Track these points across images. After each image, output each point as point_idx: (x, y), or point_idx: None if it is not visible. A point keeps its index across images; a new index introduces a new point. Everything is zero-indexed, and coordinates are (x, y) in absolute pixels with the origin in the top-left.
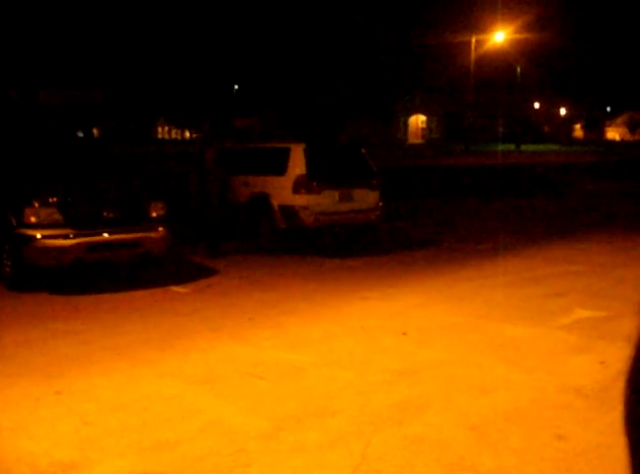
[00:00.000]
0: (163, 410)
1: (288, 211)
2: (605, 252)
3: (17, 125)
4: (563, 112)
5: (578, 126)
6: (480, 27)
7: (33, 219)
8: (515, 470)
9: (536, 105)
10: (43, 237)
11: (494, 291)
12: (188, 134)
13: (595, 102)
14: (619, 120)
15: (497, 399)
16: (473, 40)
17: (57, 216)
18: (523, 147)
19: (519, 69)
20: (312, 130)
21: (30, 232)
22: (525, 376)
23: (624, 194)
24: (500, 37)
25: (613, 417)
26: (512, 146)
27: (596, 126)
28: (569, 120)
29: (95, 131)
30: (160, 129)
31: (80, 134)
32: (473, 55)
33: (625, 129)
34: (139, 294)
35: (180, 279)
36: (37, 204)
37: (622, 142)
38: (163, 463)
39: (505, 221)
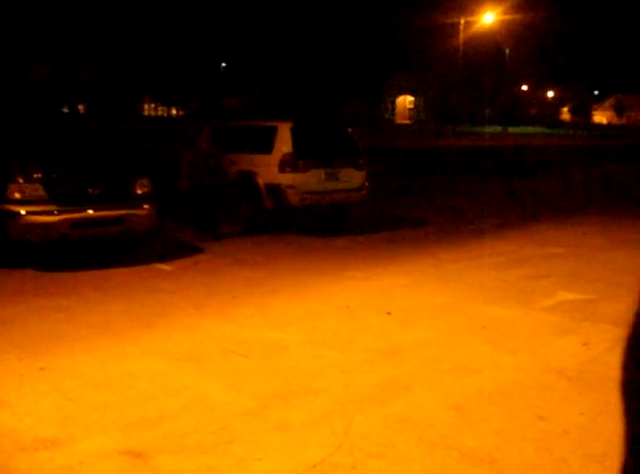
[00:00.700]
0: (147, 387)
1: (275, 190)
2: (592, 234)
3: (2, 102)
4: (551, 94)
5: (565, 110)
6: (469, 8)
7: (17, 195)
8: (496, 450)
9: (524, 87)
10: (28, 213)
11: (479, 272)
12: (174, 112)
13: (582, 85)
14: (607, 104)
15: (480, 379)
16: (462, 22)
17: (42, 192)
18: (510, 129)
19: (507, 51)
20: (299, 110)
21: (14, 208)
22: (509, 357)
23: (612, 177)
24: (489, 18)
25: (595, 398)
26: (498, 128)
27: (583, 110)
28: (556, 104)
29: (81, 108)
30: (146, 106)
31: (65, 110)
32: (462, 37)
33: (612, 113)
34: (124, 272)
35: (165, 257)
36: (21, 180)
37: (609, 125)
38: (146, 440)
39: (493, 202)
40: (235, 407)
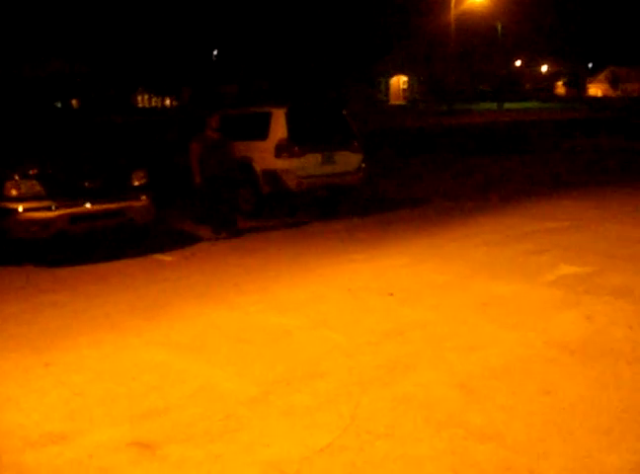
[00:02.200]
0: (151, 378)
1: (271, 176)
2: (590, 208)
3: None
4: (545, 69)
5: (560, 83)
6: None
7: (14, 192)
8: (503, 426)
9: (518, 62)
10: (25, 210)
11: (479, 250)
12: (168, 102)
13: (576, 58)
14: (601, 76)
15: (484, 356)
16: None
17: (39, 188)
18: (506, 105)
19: (499, 26)
20: (294, 94)
21: (11, 205)
22: (512, 333)
23: (609, 150)
24: None
25: (600, 371)
26: (493, 105)
27: (577, 83)
28: (550, 78)
29: (74, 102)
30: (140, 98)
31: (58, 105)
32: (453, 12)
33: (607, 85)
34: (124, 264)
35: (165, 248)
36: (17, 177)
37: (604, 98)
38: (153, 430)
39: (489, 180)
40: (240, 394)
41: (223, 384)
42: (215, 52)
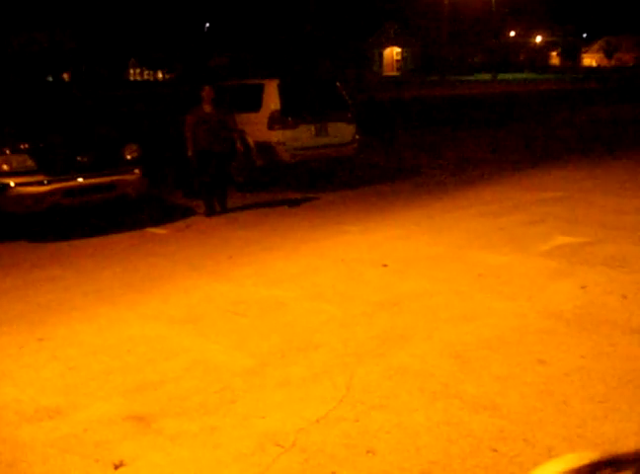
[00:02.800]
0: (146, 351)
1: (265, 148)
2: (586, 178)
3: None
4: (539, 39)
5: (554, 54)
6: None
7: (5, 167)
8: (498, 396)
9: (512, 33)
10: (17, 185)
11: (473, 221)
12: (160, 75)
13: (570, 28)
14: (596, 46)
15: (479, 327)
16: None
17: (30, 163)
18: (500, 76)
19: None
20: (286, 66)
21: (3, 180)
22: (507, 303)
23: (604, 120)
24: None
25: (594, 340)
26: (487, 76)
27: (572, 53)
28: (545, 48)
29: (65, 76)
30: (132, 71)
31: (50, 79)
32: None
33: (602, 55)
34: (118, 238)
35: (158, 221)
36: (8, 152)
37: (599, 68)
38: (149, 404)
39: (484, 151)
40: (235, 366)
41: (218, 357)
42: (207, 25)
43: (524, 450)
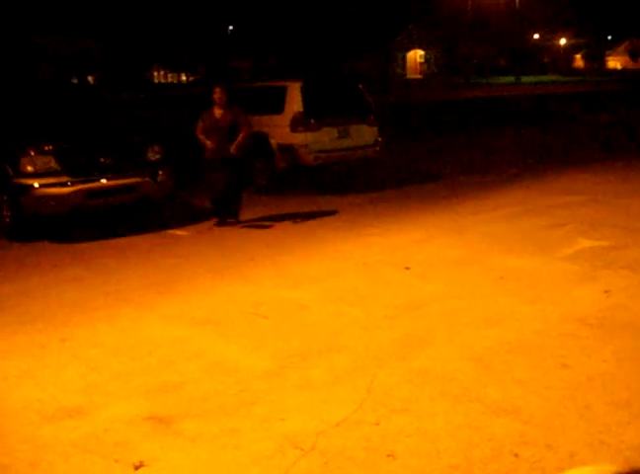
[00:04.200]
0: (167, 352)
1: (287, 150)
2: (609, 182)
3: (11, 75)
4: (563, 42)
5: (578, 56)
6: None
7: (29, 168)
8: (520, 400)
9: (536, 35)
10: (41, 186)
11: (496, 224)
12: (184, 78)
13: (595, 30)
14: (621, 49)
15: (501, 330)
16: None
17: (54, 164)
18: (523, 79)
19: None
20: (309, 69)
21: (27, 181)
22: (529, 307)
23: (627, 123)
24: None
25: (618, 345)
26: (511, 78)
27: (596, 55)
28: (569, 50)
29: (90, 79)
30: (156, 74)
31: (74, 81)
32: None
33: (627, 57)
34: (140, 239)
35: (180, 223)
36: (32, 153)
37: (624, 70)
38: (169, 405)
39: (507, 153)
40: (256, 368)
41: (239, 358)
42: (231, 28)
43: (546, 456)
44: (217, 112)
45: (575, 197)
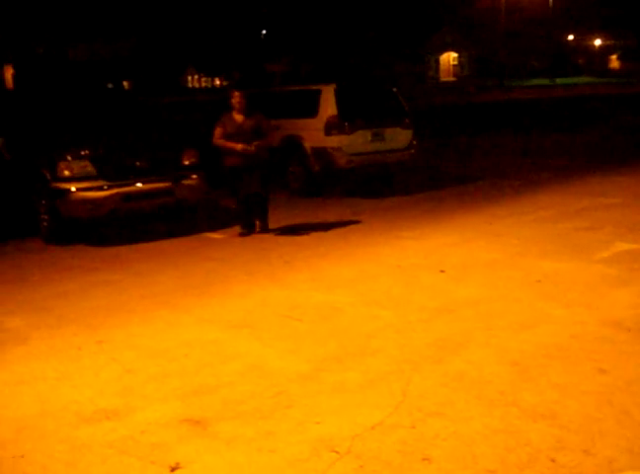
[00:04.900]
0: (203, 355)
1: (321, 153)
2: None
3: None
4: (598, 43)
5: (614, 57)
6: None
7: (66, 173)
8: (556, 404)
9: (570, 37)
10: (78, 190)
11: (532, 227)
12: (218, 82)
13: (630, 31)
14: None
15: (537, 334)
16: None
17: (91, 169)
18: (558, 81)
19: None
20: (342, 72)
21: (64, 186)
22: (565, 311)
23: None
24: None
25: None
26: (545, 80)
27: (632, 57)
28: (604, 52)
29: (125, 84)
30: (190, 78)
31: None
32: None
33: None
34: (175, 242)
35: (215, 226)
36: (69, 158)
37: None
38: (204, 407)
39: (542, 156)
40: (291, 371)
41: (274, 361)
42: (264, 32)
43: (584, 461)
44: (238, 117)
45: (611, 199)
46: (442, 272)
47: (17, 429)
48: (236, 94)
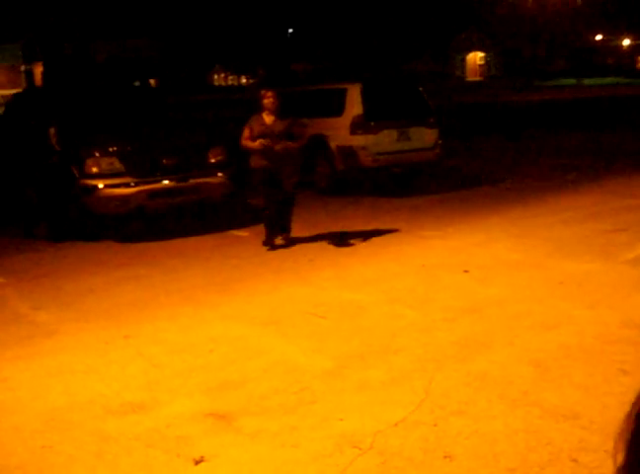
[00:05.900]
0: (228, 351)
1: (347, 152)
2: None
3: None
4: (626, 43)
5: None
6: None
7: (94, 169)
8: (578, 405)
9: (598, 36)
10: (106, 186)
11: (556, 228)
12: (244, 80)
13: None
14: None
15: (560, 335)
16: None
17: (118, 165)
18: (585, 81)
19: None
20: (368, 71)
21: (92, 182)
22: (589, 312)
23: None
24: None
25: None
26: (572, 80)
27: None
28: (632, 51)
29: (152, 82)
30: (216, 76)
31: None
32: None
33: None
34: (201, 239)
35: (240, 223)
36: (97, 155)
37: None
38: (229, 402)
39: (568, 157)
40: (315, 368)
41: (298, 358)
42: (290, 30)
43: (606, 462)
44: (268, 118)
45: (636, 200)
46: (467, 271)
47: (45, 420)
48: (269, 94)
